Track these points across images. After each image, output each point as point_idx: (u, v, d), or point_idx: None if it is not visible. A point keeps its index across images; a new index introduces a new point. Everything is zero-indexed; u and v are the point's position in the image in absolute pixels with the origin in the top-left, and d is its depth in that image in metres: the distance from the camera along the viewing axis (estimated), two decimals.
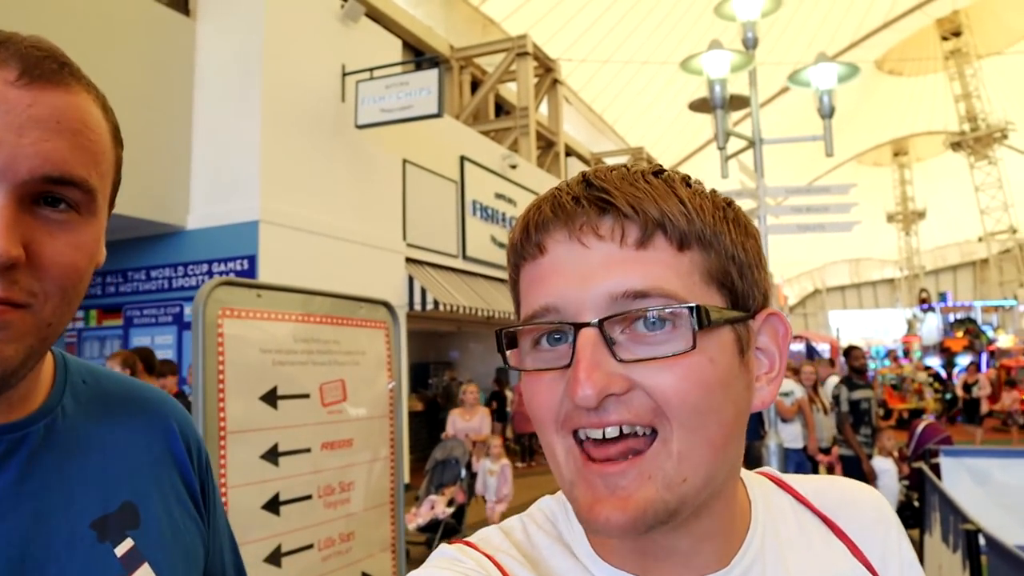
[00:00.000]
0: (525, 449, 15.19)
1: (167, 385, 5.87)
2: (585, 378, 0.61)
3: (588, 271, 0.65)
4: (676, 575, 0.71)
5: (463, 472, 7.72)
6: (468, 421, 8.55)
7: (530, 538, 0.77)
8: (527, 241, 0.69)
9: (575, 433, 0.66)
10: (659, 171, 0.71)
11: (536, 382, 0.68)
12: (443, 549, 0.75)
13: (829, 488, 0.84)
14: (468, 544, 0.75)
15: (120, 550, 0.86)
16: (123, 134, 0.88)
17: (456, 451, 7.82)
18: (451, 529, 7.14)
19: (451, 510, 7.32)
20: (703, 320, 0.64)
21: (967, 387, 19.38)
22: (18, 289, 0.72)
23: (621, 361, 0.63)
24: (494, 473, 7.81)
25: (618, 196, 0.66)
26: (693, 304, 0.64)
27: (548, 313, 0.66)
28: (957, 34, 34.19)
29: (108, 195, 0.84)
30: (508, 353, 0.72)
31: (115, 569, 0.84)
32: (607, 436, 0.64)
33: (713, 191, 0.72)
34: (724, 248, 0.68)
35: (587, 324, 0.63)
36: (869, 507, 0.83)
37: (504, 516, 7.82)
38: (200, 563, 0.98)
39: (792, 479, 0.85)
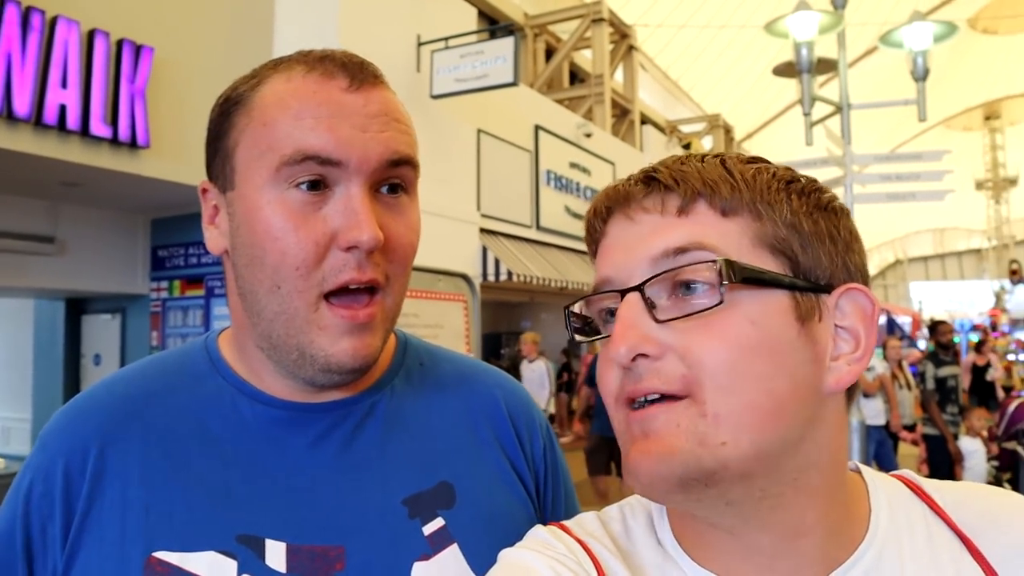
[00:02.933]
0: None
1: None
2: (619, 336, 0.64)
3: (634, 241, 0.69)
4: None
5: None
6: None
7: (627, 528, 0.76)
8: (591, 227, 0.75)
9: (630, 404, 0.66)
10: (723, 157, 0.71)
11: (601, 355, 0.71)
12: (537, 531, 0.75)
13: (973, 499, 0.74)
14: (562, 528, 0.75)
15: (428, 528, 0.89)
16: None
17: None
18: None
19: None
20: (732, 274, 0.62)
21: None
22: (380, 271, 0.83)
23: (659, 322, 0.65)
24: None
25: (663, 172, 0.69)
26: (720, 257, 0.63)
27: (605, 285, 0.71)
28: None
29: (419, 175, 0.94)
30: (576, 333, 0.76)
31: (422, 546, 0.88)
32: (648, 399, 0.64)
33: (788, 168, 0.72)
34: (781, 216, 0.67)
35: (630, 289, 0.66)
36: (1019, 527, 0.71)
37: None
38: None
39: (933, 486, 0.76)
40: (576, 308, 0.75)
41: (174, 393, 0.90)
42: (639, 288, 0.65)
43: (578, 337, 0.75)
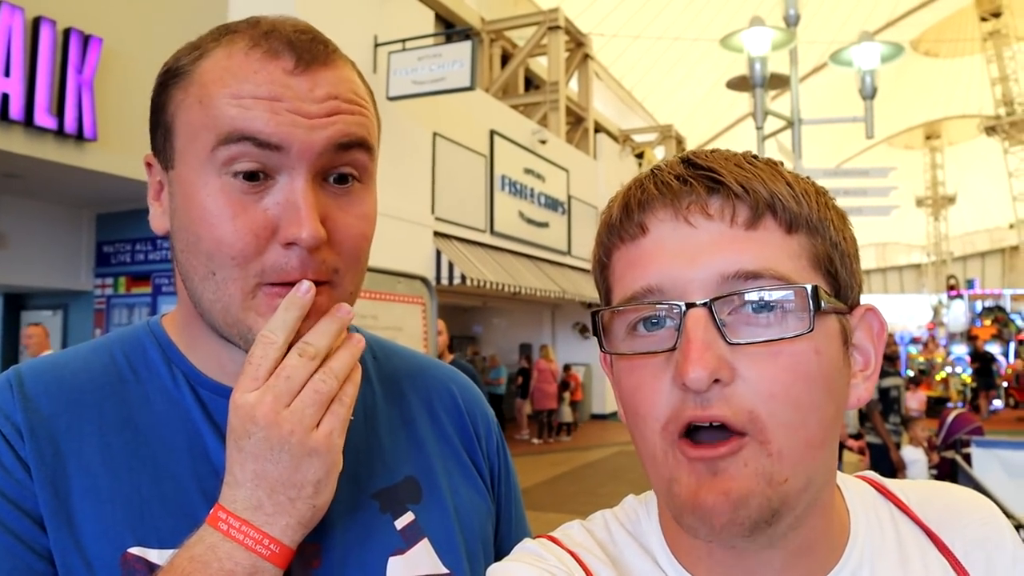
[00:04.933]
0: (543, 426, 15.18)
1: None
2: (697, 358, 0.58)
3: (696, 250, 0.62)
4: None
5: None
6: None
7: (612, 536, 0.74)
8: (627, 220, 0.66)
9: (683, 430, 0.61)
10: (755, 156, 0.68)
11: (639, 371, 0.64)
12: (526, 544, 0.74)
13: (936, 496, 0.77)
14: (551, 539, 0.74)
15: (400, 523, 0.87)
16: None
17: None
18: None
19: None
20: (818, 302, 0.60)
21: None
22: (324, 268, 0.77)
23: (730, 344, 0.60)
24: None
25: (727, 175, 0.63)
26: (810, 284, 0.61)
27: (650, 294, 0.64)
28: (997, 15, 33.36)
29: (376, 160, 0.86)
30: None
31: (395, 541, 0.86)
32: (714, 424, 0.60)
33: (808, 177, 0.69)
34: (829, 235, 0.65)
35: (697, 304, 0.61)
36: (976, 521, 0.75)
37: None
38: (485, 543, 0.96)
39: (897, 485, 0.78)
40: (606, 315, 0.68)
41: (126, 384, 0.84)
42: (708, 305, 0.61)
43: (607, 347, 0.68)
